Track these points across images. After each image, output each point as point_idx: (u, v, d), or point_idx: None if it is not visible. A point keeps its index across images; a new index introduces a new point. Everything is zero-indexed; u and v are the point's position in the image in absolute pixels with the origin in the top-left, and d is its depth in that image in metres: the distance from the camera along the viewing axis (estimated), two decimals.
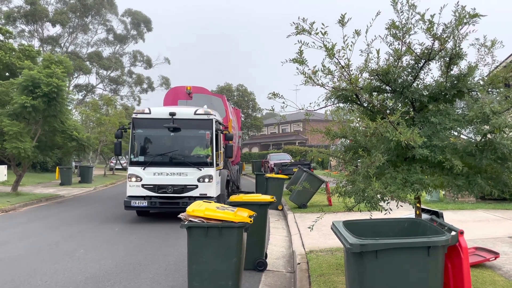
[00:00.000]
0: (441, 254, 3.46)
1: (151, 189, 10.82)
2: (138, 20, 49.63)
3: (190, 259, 4.82)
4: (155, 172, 10.84)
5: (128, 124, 11.54)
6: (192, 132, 11.33)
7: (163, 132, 11.16)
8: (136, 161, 11.09)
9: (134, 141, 11.26)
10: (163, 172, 10.83)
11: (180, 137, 11.34)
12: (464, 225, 4.99)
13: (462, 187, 4.41)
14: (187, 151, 11.38)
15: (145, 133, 11.36)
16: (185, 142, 11.48)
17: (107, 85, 51.08)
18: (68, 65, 18.13)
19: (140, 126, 11.27)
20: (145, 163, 10.98)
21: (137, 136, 11.28)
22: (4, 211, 13.15)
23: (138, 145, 11.32)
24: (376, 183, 4.00)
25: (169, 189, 10.76)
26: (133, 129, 11.26)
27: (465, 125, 4.55)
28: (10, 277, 6.27)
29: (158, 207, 10.88)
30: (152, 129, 11.32)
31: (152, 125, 11.21)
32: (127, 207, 10.83)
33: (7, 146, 14.95)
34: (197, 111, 11.20)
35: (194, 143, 11.46)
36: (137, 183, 10.83)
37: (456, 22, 4.36)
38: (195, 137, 11.43)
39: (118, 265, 6.86)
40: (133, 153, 11.20)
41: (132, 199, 10.80)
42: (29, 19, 41.86)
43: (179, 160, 11.05)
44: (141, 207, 10.86)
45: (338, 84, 4.99)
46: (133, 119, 11.32)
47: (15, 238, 9.16)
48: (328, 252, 7.04)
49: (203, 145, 11.31)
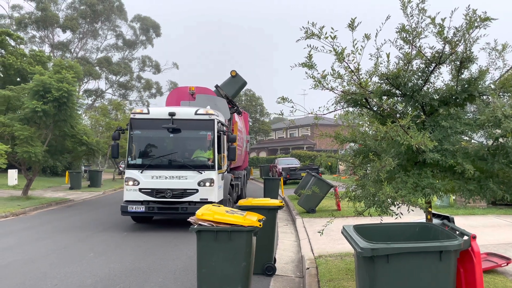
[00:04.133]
0: (454, 259, 3.42)
1: (149, 194, 10.29)
2: (147, 26, 50.09)
3: (199, 263, 4.82)
4: (153, 175, 10.32)
5: (127, 125, 10.99)
6: (193, 133, 10.79)
7: (162, 133, 10.66)
8: (133, 163, 10.58)
9: (132, 143, 10.74)
10: (162, 176, 10.29)
11: (180, 139, 10.82)
12: (475, 231, 4.90)
13: (474, 192, 4.36)
14: (187, 153, 10.83)
15: (143, 134, 10.84)
16: (185, 144, 10.93)
17: (116, 90, 51.53)
18: (78, 70, 18.36)
19: (138, 127, 10.76)
20: (143, 166, 10.46)
21: (135, 137, 10.77)
22: (15, 215, 13.27)
23: (136, 147, 10.78)
24: (388, 187, 3.97)
25: (168, 194, 10.21)
26: (131, 130, 10.74)
27: (476, 129, 4.50)
28: (21, 280, 6.32)
29: (156, 212, 10.32)
30: (150, 130, 10.81)
31: (151, 126, 10.70)
32: (124, 212, 10.37)
33: (18, 150, 15.13)
34: (198, 111, 10.67)
35: (194, 144, 10.88)
36: (134, 187, 10.32)
37: (467, 26, 4.33)
38: (195, 139, 10.86)
39: (127, 269, 6.88)
40: (131, 155, 10.67)
41: (129, 204, 10.31)
42: (40, 25, 42.47)
43: (178, 162, 10.53)
44: (138, 212, 10.33)
45: (347, 88, 4.98)
46: (130, 120, 10.83)
47: (26, 241, 9.24)
48: (337, 257, 7.00)
49: (204, 147, 10.75)
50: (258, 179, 30.18)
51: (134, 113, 10.91)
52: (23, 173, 17.47)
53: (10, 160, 16.11)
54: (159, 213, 10.40)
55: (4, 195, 17.56)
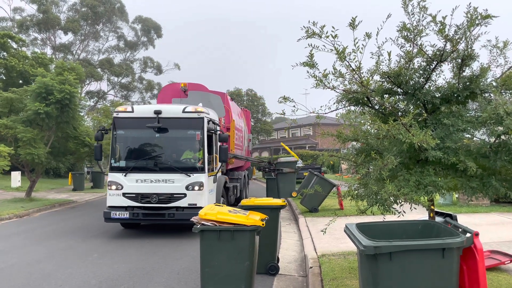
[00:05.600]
0: (456, 256, 3.42)
1: (133, 199, 9.57)
2: (148, 27, 50.07)
3: (203, 262, 4.84)
4: (138, 179, 9.58)
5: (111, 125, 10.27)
6: (181, 132, 10.00)
7: (148, 133, 9.91)
8: (116, 166, 9.88)
9: (115, 144, 9.99)
10: (147, 179, 9.56)
11: (167, 139, 10.02)
12: (478, 228, 4.87)
13: (476, 189, 4.35)
14: (174, 155, 10.07)
15: (127, 134, 10.12)
16: (173, 144, 10.13)
17: (118, 91, 51.56)
18: (80, 72, 18.38)
19: (122, 126, 10.01)
20: (126, 168, 9.73)
21: (118, 138, 10.02)
22: (19, 217, 13.32)
23: (119, 148, 10.08)
24: (390, 186, 3.97)
25: (154, 199, 9.47)
26: (114, 130, 9.99)
27: (479, 126, 4.50)
28: (25, 280, 6.35)
29: (142, 219, 9.63)
30: (135, 130, 10.04)
31: (135, 125, 9.94)
32: (107, 219, 9.68)
33: (21, 152, 15.19)
34: (186, 109, 9.88)
35: (183, 145, 10.10)
36: (117, 191, 9.63)
37: (468, 24, 4.33)
38: (184, 138, 10.08)
39: (131, 269, 6.90)
40: (114, 157, 9.94)
41: (112, 210, 9.64)
42: (41, 27, 42.53)
43: (165, 165, 9.79)
44: (122, 219, 9.67)
45: (349, 87, 4.99)
46: (113, 119, 10.08)
47: (29, 242, 9.28)
48: (340, 256, 7.00)
49: (193, 147, 9.95)
50: (261, 179, 30.19)
51: (117, 112, 10.15)
52: (26, 175, 17.54)
53: (14, 162, 16.18)
54: (144, 220, 9.77)
55: (8, 197, 17.63)
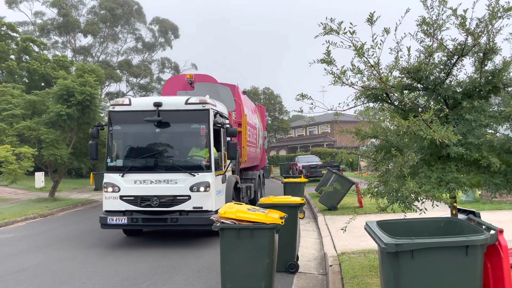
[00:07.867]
0: (480, 253, 3.36)
1: (132, 202, 8.50)
2: (165, 28, 50.55)
3: (223, 260, 4.87)
4: (136, 179, 8.53)
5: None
6: (184, 126, 8.94)
7: (147, 128, 8.83)
8: (113, 166, 8.87)
9: (111, 141, 8.96)
10: (147, 180, 8.50)
11: (168, 134, 9.06)
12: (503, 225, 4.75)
13: (500, 186, 4.27)
14: (177, 152, 9.02)
15: (124, 130, 9.11)
16: (175, 140, 9.09)
17: (137, 92, 52.20)
18: (100, 74, 18.72)
19: (118, 121, 8.98)
20: (124, 168, 8.71)
21: (115, 134, 8.99)
22: (43, 216, 13.66)
23: (116, 146, 9.07)
24: (411, 183, 3.92)
25: (154, 202, 8.39)
26: (110, 126, 8.94)
27: (502, 121, 4.40)
28: (51, 279, 6.52)
29: (141, 224, 8.56)
30: (133, 125, 9.01)
31: (133, 119, 8.87)
32: (103, 225, 8.66)
33: (44, 153, 15.59)
34: (189, 100, 8.75)
35: (186, 140, 9.09)
36: (114, 194, 8.57)
37: (490, 16, 4.24)
38: (187, 133, 9.06)
39: (152, 267, 7.00)
40: (110, 156, 8.95)
41: (108, 215, 8.60)
42: (62, 30, 43.40)
43: (166, 163, 8.75)
44: (119, 225, 8.60)
45: (367, 83, 4.94)
46: (109, 113, 9.02)
47: (53, 242, 9.50)
48: (360, 254, 6.95)
49: (198, 143, 8.87)
50: (278, 177, 30.22)
51: (113, 105, 9.08)
52: (50, 175, 17.97)
53: (37, 163, 16.62)
54: (144, 226, 8.78)
55: (32, 197, 18.08)
